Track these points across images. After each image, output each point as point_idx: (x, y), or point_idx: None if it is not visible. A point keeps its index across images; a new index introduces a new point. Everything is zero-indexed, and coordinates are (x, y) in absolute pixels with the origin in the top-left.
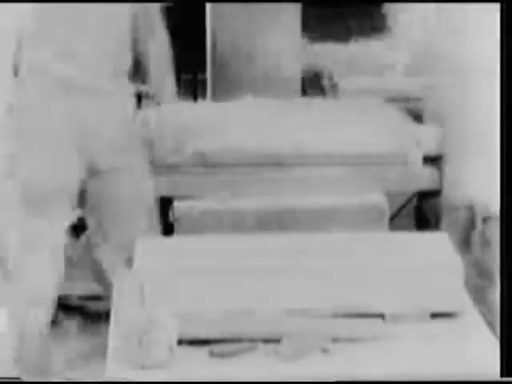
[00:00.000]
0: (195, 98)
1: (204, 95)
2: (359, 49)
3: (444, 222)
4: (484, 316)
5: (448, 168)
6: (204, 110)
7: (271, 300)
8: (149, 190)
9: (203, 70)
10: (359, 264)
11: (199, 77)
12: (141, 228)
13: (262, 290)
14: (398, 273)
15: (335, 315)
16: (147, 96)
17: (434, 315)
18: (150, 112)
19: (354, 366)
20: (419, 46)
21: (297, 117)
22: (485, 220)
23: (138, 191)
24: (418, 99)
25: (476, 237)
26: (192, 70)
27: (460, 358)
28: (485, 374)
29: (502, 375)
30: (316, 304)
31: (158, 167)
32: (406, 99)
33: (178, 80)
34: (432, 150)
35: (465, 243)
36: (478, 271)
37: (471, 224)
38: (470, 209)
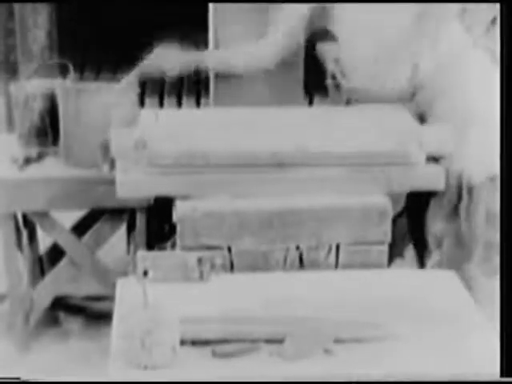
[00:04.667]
0: (198, 96)
1: (207, 93)
2: None
3: (434, 197)
4: None
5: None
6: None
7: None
8: None
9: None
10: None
11: (202, 75)
12: None
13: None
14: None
15: None
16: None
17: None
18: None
19: (356, 366)
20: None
21: (298, 116)
22: (470, 191)
23: None
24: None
25: (461, 208)
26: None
27: (460, 357)
28: (485, 374)
29: (501, 375)
30: None
31: (158, 167)
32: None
33: (181, 79)
34: (438, 151)
35: (452, 215)
36: (456, 242)
37: (458, 196)
38: (458, 181)
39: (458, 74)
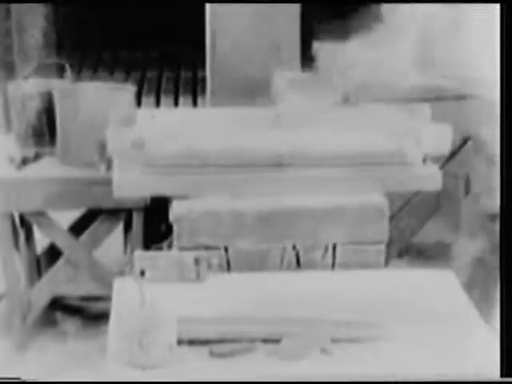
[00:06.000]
0: (195, 95)
1: (203, 93)
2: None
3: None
4: None
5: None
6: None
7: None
8: None
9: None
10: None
11: (199, 74)
12: None
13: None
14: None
15: None
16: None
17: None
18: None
19: (353, 366)
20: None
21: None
22: None
23: None
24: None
25: None
26: (192, 68)
27: (460, 358)
28: (485, 374)
29: (501, 375)
30: None
31: (155, 167)
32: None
33: (178, 77)
34: (437, 151)
35: None
36: None
37: None
38: None
39: None
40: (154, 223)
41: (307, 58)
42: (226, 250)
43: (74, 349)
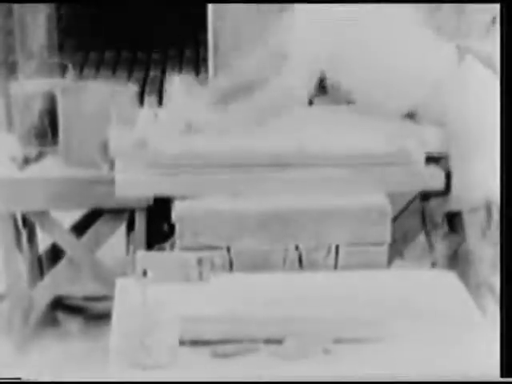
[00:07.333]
0: None
1: None
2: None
3: (466, 222)
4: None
5: (460, 168)
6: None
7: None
8: None
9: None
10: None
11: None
12: None
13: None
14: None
15: None
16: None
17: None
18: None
19: (355, 366)
20: None
21: (298, 116)
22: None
23: None
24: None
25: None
26: (194, 68)
27: (460, 358)
28: (485, 374)
29: (502, 375)
30: None
31: (157, 167)
32: None
33: None
34: (436, 150)
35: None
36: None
37: (488, 223)
38: (488, 208)
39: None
40: (156, 223)
41: None
42: (229, 250)
43: (76, 349)
